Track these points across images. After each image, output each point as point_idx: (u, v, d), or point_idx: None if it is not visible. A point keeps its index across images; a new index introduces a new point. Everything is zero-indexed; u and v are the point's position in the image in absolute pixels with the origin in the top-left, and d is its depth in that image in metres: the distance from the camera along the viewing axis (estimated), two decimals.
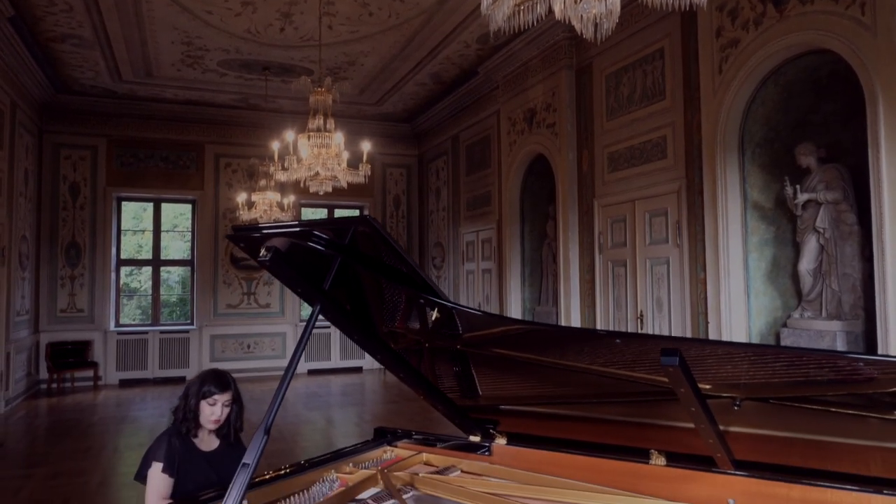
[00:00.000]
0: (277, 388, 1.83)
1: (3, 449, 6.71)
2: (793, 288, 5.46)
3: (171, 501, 2.43)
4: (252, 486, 2.10)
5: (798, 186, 5.09)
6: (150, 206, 12.45)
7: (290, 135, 5.95)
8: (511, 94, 9.00)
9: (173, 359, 11.30)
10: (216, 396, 2.61)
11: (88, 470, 5.99)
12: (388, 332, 2.74)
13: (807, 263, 5.11)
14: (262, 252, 1.82)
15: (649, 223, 6.62)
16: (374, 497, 2.39)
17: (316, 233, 1.87)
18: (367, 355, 12.29)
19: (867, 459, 2.12)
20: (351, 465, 2.69)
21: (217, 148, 11.79)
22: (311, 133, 5.68)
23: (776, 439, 2.29)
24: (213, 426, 2.65)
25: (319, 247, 1.87)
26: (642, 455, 2.43)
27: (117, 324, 11.41)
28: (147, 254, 12.85)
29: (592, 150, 7.50)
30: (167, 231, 13.06)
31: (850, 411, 2.09)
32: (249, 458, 1.75)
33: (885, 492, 2.00)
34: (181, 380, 11.23)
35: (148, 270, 13.08)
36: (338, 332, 12.21)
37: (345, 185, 6.20)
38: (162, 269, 12.44)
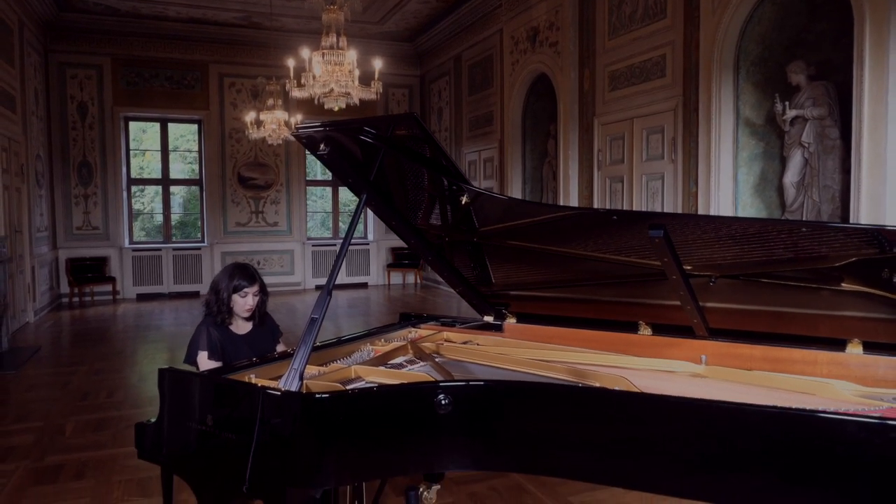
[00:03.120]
0: (336, 258, 2.23)
1: (41, 352, 7.25)
2: (778, 200, 5.84)
3: (249, 360, 2.71)
4: None
5: (787, 103, 5.39)
6: (149, 128, 12.62)
7: (305, 52, 6.15)
8: (514, 12, 9.08)
9: (187, 274, 11.79)
10: (246, 289, 2.91)
11: (125, 368, 6.54)
12: None
13: (791, 176, 5.48)
14: (322, 147, 2.18)
15: (646, 140, 6.94)
16: (407, 361, 2.85)
17: (366, 128, 2.22)
18: (371, 272, 12.82)
19: (817, 325, 2.56)
20: (382, 340, 3.14)
21: (221, 67, 11.86)
22: (325, 51, 5.89)
23: (745, 311, 2.72)
24: (246, 314, 2.97)
25: (369, 139, 2.22)
26: (632, 327, 2.89)
27: (131, 241, 11.82)
28: (149, 174, 13.09)
29: (594, 68, 7.71)
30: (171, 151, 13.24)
31: (806, 284, 2.51)
32: (317, 313, 2.17)
33: (844, 350, 2.43)
34: (195, 294, 11.76)
35: (151, 192, 13.37)
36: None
37: (357, 101, 6.45)
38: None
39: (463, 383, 2.05)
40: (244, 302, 2.93)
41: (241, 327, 3.04)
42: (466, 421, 2.03)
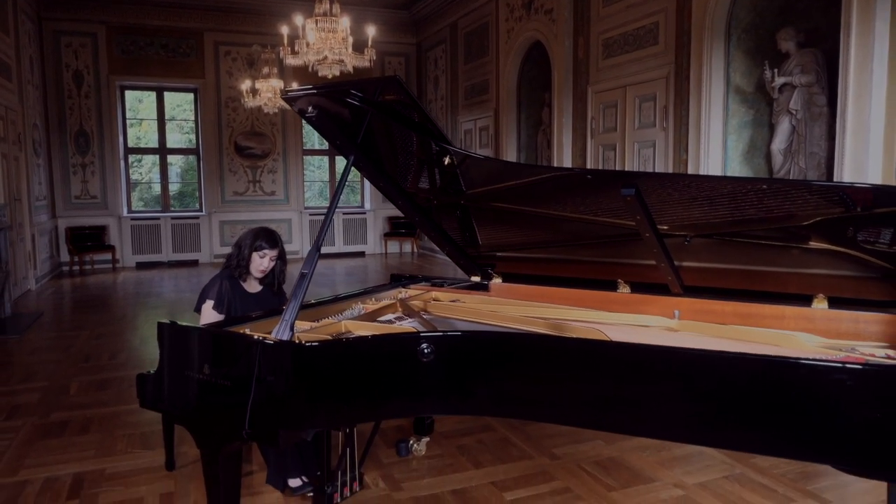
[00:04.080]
0: (325, 217, 2.34)
1: (43, 317, 7.39)
2: (766, 167, 5.93)
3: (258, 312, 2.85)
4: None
5: (776, 70, 5.44)
6: (145, 98, 12.60)
7: (299, 19, 6.18)
8: None
9: (185, 243, 11.91)
10: (266, 251, 3.06)
11: (126, 332, 6.69)
12: None
13: (779, 143, 5.56)
14: (310, 109, 2.27)
15: (639, 108, 6.99)
16: (396, 318, 2.98)
17: (352, 91, 2.31)
18: (369, 240, 12.93)
19: (786, 281, 2.69)
20: (373, 299, 3.27)
21: (216, 35, 11.81)
22: (318, 17, 5.92)
23: (719, 270, 2.85)
24: (259, 275, 3.13)
25: (355, 102, 2.32)
26: (611, 286, 3.01)
27: (129, 210, 11.90)
28: (146, 144, 13.09)
29: (588, 36, 7.72)
30: (167, 121, 13.23)
31: (777, 243, 2.62)
32: (306, 268, 2.29)
33: (811, 306, 2.56)
34: (194, 263, 11.91)
35: (148, 162, 13.36)
36: (341, 218, 12.83)
37: (351, 69, 6.49)
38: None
39: (441, 334, 2.17)
40: (261, 262, 3.08)
41: (252, 286, 3.18)
42: (447, 368, 2.16)
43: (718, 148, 6.03)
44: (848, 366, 1.83)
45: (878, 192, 2.31)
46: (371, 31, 6.51)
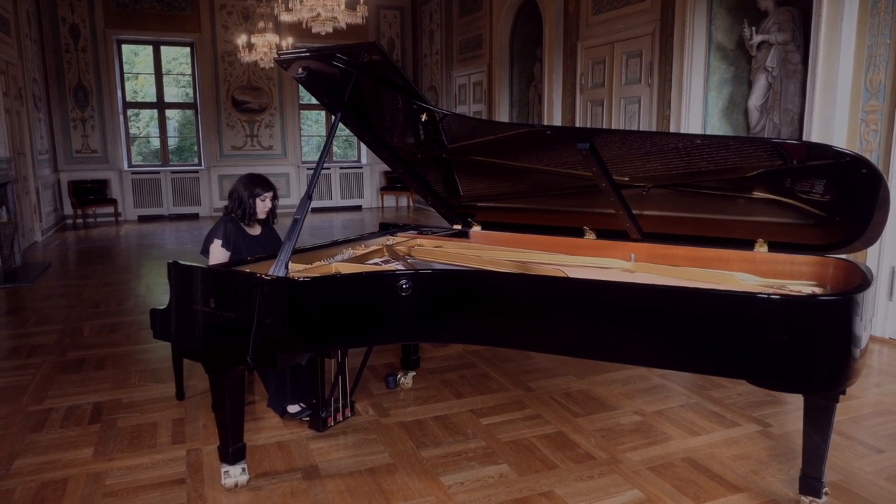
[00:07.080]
0: (315, 167, 2.61)
1: (52, 268, 7.70)
2: (744, 123, 6.15)
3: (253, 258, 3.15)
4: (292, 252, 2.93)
5: (754, 28, 5.62)
6: (141, 51, 12.65)
7: None
8: None
9: (186, 197, 12.16)
10: (265, 194, 3.37)
11: (132, 281, 7.01)
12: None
13: (756, 100, 5.77)
14: (300, 71, 2.51)
15: (626, 64, 7.16)
16: (382, 261, 3.28)
17: (338, 54, 2.55)
18: (365, 195, 13.17)
19: (733, 228, 2.98)
20: (362, 245, 3.57)
21: None
22: None
23: (674, 217, 3.13)
24: (264, 216, 3.44)
25: (341, 65, 2.56)
26: (579, 233, 3.31)
27: (130, 164, 12.11)
28: (143, 98, 13.18)
29: None
30: (164, 75, 13.29)
31: (725, 193, 2.90)
32: (299, 214, 2.57)
33: (753, 249, 2.85)
34: (195, 216, 12.18)
35: (146, 117, 13.49)
36: (338, 172, 13.06)
37: (344, 25, 6.64)
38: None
39: (416, 271, 2.47)
40: (263, 205, 3.39)
41: (254, 229, 3.48)
42: (423, 300, 2.47)
43: (699, 104, 6.24)
44: (759, 296, 2.13)
45: (810, 147, 2.59)
46: None
